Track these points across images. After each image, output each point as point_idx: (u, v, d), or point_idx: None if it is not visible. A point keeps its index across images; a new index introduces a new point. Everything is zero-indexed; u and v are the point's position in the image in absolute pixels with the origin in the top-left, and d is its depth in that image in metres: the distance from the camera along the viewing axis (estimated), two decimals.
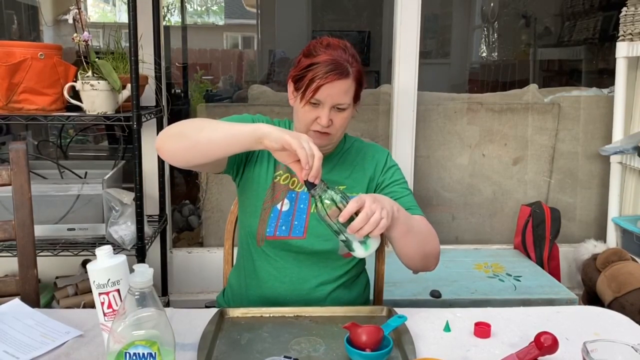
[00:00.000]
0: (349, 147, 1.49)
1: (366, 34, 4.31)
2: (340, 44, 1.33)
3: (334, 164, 1.45)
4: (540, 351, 1.01)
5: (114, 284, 1.02)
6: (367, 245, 1.16)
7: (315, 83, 1.27)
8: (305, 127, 1.34)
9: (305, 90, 1.29)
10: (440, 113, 2.76)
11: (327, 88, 1.28)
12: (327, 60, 1.28)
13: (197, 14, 4.41)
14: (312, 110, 1.31)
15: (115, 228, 1.97)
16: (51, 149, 2.58)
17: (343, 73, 1.28)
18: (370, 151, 1.50)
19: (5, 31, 2.81)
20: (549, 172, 2.85)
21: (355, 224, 1.11)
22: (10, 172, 1.35)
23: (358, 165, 1.46)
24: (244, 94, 3.38)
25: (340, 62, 1.29)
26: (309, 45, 1.35)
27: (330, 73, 1.27)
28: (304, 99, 1.30)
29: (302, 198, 1.41)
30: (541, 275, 2.35)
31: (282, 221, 1.39)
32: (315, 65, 1.28)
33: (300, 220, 1.39)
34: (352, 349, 1.04)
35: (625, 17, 2.47)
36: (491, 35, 4.80)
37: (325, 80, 1.27)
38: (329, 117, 1.30)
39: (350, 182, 1.44)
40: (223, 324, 1.21)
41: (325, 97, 1.29)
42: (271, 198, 1.40)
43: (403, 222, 1.24)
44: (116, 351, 0.86)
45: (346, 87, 1.30)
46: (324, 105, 1.30)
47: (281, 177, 1.42)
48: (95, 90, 1.87)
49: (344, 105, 1.31)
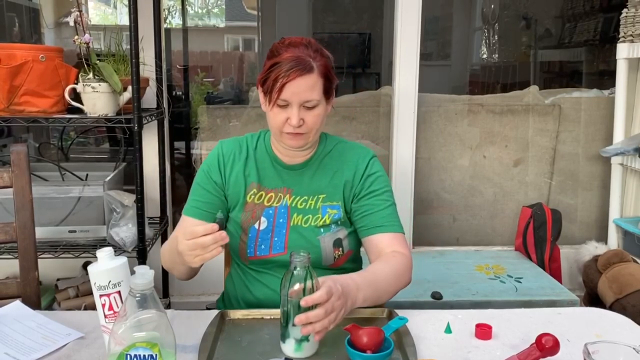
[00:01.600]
0: (330, 150, 1.44)
1: (367, 35, 4.31)
2: (302, 41, 1.30)
3: (314, 171, 1.41)
4: (542, 353, 1.00)
5: (114, 285, 1.02)
6: (300, 347, 1.07)
7: (279, 82, 1.24)
8: (277, 130, 1.32)
9: (271, 92, 1.27)
10: (441, 115, 2.77)
11: (291, 86, 1.25)
12: (289, 58, 1.25)
13: (198, 16, 4.41)
14: (281, 112, 1.28)
15: (116, 230, 1.97)
16: (52, 151, 2.58)
17: (306, 69, 1.25)
18: (352, 154, 1.43)
19: (7, 34, 2.81)
20: (549, 173, 2.85)
21: (309, 315, 1.02)
22: (12, 174, 1.35)
23: (338, 170, 1.41)
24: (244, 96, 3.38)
25: (302, 58, 1.26)
26: (272, 47, 1.32)
27: (292, 70, 1.24)
28: (271, 102, 1.28)
29: (280, 212, 1.38)
30: (542, 277, 2.34)
31: (260, 240, 1.37)
32: (277, 65, 1.26)
33: (280, 235, 1.37)
34: (353, 351, 1.04)
35: (626, 18, 2.47)
36: (492, 37, 4.80)
37: (288, 78, 1.24)
38: (299, 116, 1.27)
39: (330, 190, 1.40)
40: (224, 325, 1.21)
41: (291, 96, 1.26)
42: (248, 218, 1.38)
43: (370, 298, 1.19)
44: (117, 353, 0.86)
45: (311, 83, 1.26)
46: (292, 105, 1.27)
47: (255, 196, 1.39)
48: (96, 92, 1.88)
49: (313, 102, 1.28)
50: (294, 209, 1.39)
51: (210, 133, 2.70)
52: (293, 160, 1.41)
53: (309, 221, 1.38)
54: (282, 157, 1.41)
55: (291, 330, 1.07)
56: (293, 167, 1.41)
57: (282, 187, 1.40)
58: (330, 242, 1.37)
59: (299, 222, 1.38)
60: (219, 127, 2.70)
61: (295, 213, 1.38)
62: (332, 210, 1.39)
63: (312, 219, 1.38)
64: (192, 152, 2.85)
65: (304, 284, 1.05)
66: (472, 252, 2.69)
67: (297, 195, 1.40)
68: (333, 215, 1.38)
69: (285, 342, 1.08)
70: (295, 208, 1.39)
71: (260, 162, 1.42)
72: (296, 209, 1.39)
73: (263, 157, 1.42)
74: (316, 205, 1.39)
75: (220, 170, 1.41)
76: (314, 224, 1.38)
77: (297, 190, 1.40)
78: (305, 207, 1.39)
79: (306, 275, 1.06)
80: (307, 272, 1.06)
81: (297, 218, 1.38)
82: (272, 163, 1.42)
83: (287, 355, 1.07)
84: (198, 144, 2.73)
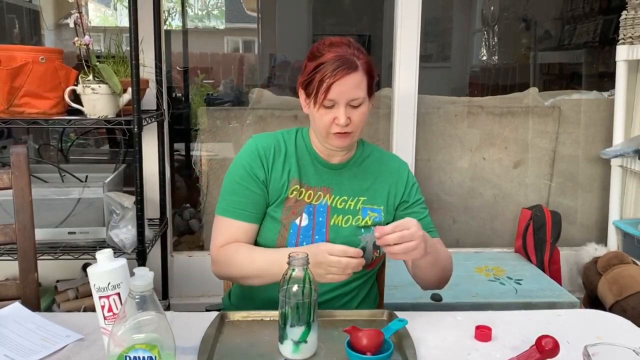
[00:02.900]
0: (368, 155, 1.45)
1: (366, 37, 4.31)
2: (343, 41, 1.31)
3: (353, 173, 1.42)
4: (542, 354, 1.00)
5: (114, 287, 1.02)
6: (298, 348, 1.07)
7: (325, 83, 1.25)
8: (324, 131, 1.31)
9: (316, 93, 1.27)
10: (441, 116, 2.77)
11: (338, 85, 1.25)
12: (333, 58, 1.26)
13: (198, 17, 4.42)
14: (327, 112, 1.29)
15: (115, 232, 1.97)
16: (52, 152, 2.58)
17: (351, 67, 1.26)
18: (392, 162, 1.47)
19: (7, 35, 2.81)
20: (549, 175, 2.85)
21: (390, 238, 1.13)
22: (11, 176, 1.35)
23: (380, 176, 1.43)
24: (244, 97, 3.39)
25: (346, 57, 1.26)
26: (312, 49, 1.33)
27: (339, 70, 1.24)
28: (317, 103, 1.28)
29: (319, 211, 1.38)
30: (542, 279, 2.34)
31: (302, 237, 1.35)
32: (322, 66, 1.26)
33: (321, 234, 1.36)
34: (353, 353, 1.04)
35: (626, 20, 2.48)
36: (491, 39, 4.81)
37: (335, 78, 1.24)
38: (346, 115, 1.28)
39: (371, 194, 1.41)
40: (224, 327, 1.21)
41: (339, 95, 1.26)
42: (289, 214, 1.37)
43: (432, 255, 1.26)
44: (116, 354, 0.86)
45: (357, 81, 1.27)
46: (339, 104, 1.27)
47: (297, 191, 1.38)
48: (96, 94, 1.88)
49: (359, 99, 1.28)
50: (333, 209, 1.38)
51: (210, 135, 2.70)
52: (333, 159, 1.41)
53: (350, 221, 1.38)
54: (323, 155, 1.40)
55: (289, 332, 1.07)
56: (334, 167, 1.41)
57: (322, 186, 1.39)
58: (371, 242, 1.35)
59: (338, 222, 1.37)
60: (218, 129, 2.70)
61: (335, 213, 1.38)
62: (372, 213, 1.40)
63: (353, 220, 1.38)
64: (191, 154, 2.85)
65: (302, 286, 1.05)
66: (472, 253, 2.69)
67: (336, 195, 1.39)
68: (374, 218, 1.39)
69: (283, 343, 1.08)
70: (335, 208, 1.38)
71: (300, 159, 1.40)
72: (336, 209, 1.38)
73: (303, 154, 1.41)
74: (356, 207, 1.39)
75: (263, 164, 1.37)
76: (355, 224, 1.38)
77: (336, 190, 1.39)
78: (345, 207, 1.39)
79: (305, 277, 1.06)
80: (306, 274, 1.07)
81: (337, 218, 1.38)
82: (312, 161, 1.41)
83: (286, 356, 1.07)
84: (198, 146, 2.73)
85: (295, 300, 1.05)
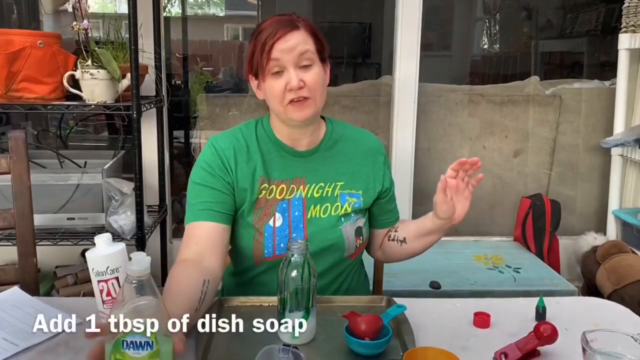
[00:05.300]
0: (340, 136, 1.36)
1: (367, 25, 4.29)
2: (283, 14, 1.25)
3: (326, 157, 1.33)
4: (540, 341, 1.00)
5: (112, 271, 1.02)
6: (297, 333, 1.03)
7: (267, 45, 1.18)
8: (280, 102, 1.21)
9: (260, 60, 1.19)
10: (441, 105, 2.76)
11: (280, 44, 1.18)
12: (270, 23, 1.20)
13: (198, 5, 4.40)
14: (277, 79, 1.20)
15: (114, 218, 1.97)
16: (51, 139, 2.57)
17: (291, 26, 1.19)
18: (366, 142, 1.38)
19: (5, 20, 2.79)
20: (549, 164, 2.84)
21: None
22: (10, 161, 1.34)
23: (356, 158, 1.35)
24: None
25: (284, 19, 1.21)
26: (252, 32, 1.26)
27: (279, 30, 1.18)
28: (264, 73, 1.20)
29: (294, 205, 1.29)
30: (541, 267, 2.35)
31: (278, 238, 1.28)
32: (261, 34, 1.20)
33: (298, 230, 1.29)
34: (352, 338, 1.04)
35: (628, 8, 2.46)
36: (493, 28, 4.79)
37: (276, 37, 1.18)
38: (298, 77, 1.19)
39: (349, 178, 1.34)
40: (222, 312, 1.21)
41: (282, 54, 1.18)
42: (261, 216, 1.28)
43: None
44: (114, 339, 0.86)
45: (301, 38, 1.20)
46: (287, 67, 1.19)
47: (267, 190, 1.29)
48: (95, 79, 1.87)
49: (307, 57, 1.20)
50: (310, 199, 1.30)
51: (210, 122, 2.69)
52: (301, 145, 1.31)
53: (328, 210, 1.31)
54: (289, 142, 1.31)
55: (288, 317, 1.07)
56: (303, 154, 1.31)
57: (295, 177, 1.30)
58: (352, 231, 1.32)
59: (316, 213, 1.30)
60: (218, 116, 2.69)
61: (312, 204, 1.30)
62: (351, 198, 1.33)
63: (332, 208, 1.31)
64: (191, 141, 2.85)
65: (301, 271, 1.05)
66: (471, 242, 2.69)
67: (311, 184, 1.31)
68: (353, 204, 1.32)
69: (282, 329, 1.08)
70: (312, 199, 1.30)
71: (265, 153, 1.30)
72: (313, 199, 1.30)
73: (267, 146, 1.31)
74: (334, 193, 1.32)
75: (226, 167, 1.27)
76: (334, 213, 1.31)
77: (311, 178, 1.31)
78: (322, 195, 1.31)
79: (304, 262, 1.06)
80: (305, 260, 1.06)
81: (314, 209, 1.30)
82: (279, 152, 1.31)
83: (284, 342, 1.07)
84: (197, 133, 2.72)
85: (294, 285, 1.05)
